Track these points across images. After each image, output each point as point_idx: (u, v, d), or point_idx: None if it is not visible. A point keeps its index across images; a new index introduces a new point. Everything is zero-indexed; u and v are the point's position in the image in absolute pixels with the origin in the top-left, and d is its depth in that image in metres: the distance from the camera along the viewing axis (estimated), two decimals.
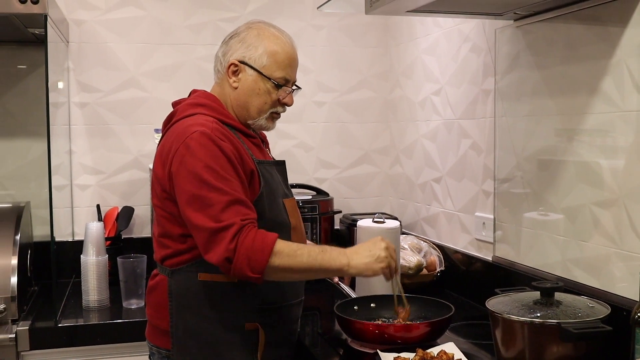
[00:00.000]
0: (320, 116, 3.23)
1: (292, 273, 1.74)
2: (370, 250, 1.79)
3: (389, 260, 1.79)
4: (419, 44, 2.93)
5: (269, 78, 1.86)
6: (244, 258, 1.65)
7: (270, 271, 1.68)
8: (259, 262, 1.66)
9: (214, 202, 1.68)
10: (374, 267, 1.78)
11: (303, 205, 2.86)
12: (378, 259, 1.78)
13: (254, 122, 1.90)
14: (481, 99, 2.44)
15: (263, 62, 1.86)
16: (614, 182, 1.80)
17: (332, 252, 1.77)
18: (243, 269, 1.65)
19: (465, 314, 2.26)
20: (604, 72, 1.82)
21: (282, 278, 1.78)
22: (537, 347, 1.61)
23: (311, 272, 1.77)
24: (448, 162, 2.70)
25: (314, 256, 1.73)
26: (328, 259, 1.75)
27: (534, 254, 2.14)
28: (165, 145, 1.81)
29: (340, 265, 1.76)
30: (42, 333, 2.28)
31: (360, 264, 1.77)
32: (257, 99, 1.88)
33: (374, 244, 1.80)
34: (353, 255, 1.77)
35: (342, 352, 1.98)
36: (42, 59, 2.29)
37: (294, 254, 1.70)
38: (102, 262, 2.51)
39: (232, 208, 1.68)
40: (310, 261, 1.72)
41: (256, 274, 1.66)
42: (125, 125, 3.00)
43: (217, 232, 1.66)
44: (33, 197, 2.85)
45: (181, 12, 3.03)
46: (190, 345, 1.81)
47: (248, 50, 1.87)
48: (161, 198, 1.82)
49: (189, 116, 1.82)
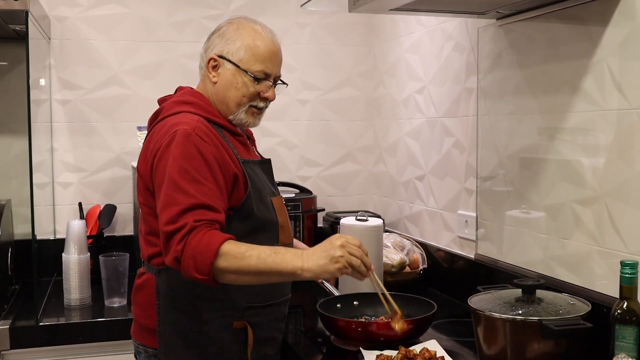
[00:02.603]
0: (304, 114, 3.23)
1: (242, 275, 1.63)
2: (325, 251, 1.63)
3: (348, 259, 1.62)
4: (403, 42, 2.94)
5: (245, 71, 1.85)
6: (190, 259, 1.60)
7: (219, 273, 1.61)
8: (204, 263, 1.59)
9: (176, 203, 1.65)
10: (329, 269, 1.62)
11: (286, 203, 2.82)
12: (332, 260, 1.61)
13: (234, 116, 1.89)
14: (464, 98, 2.45)
15: (240, 55, 1.85)
16: (595, 180, 1.81)
17: (287, 254, 1.64)
18: (190, 270, 1.61)
19: (447, 312, 2.27)
20: (585, 71, 1.83)
21: (235, 281, 1.66)
22: (518, 344, 1.62)
23: (262, 275, 1.63)
24: (431, 160, 2.71)
25: (263, 258, 1.61)
26: (279, 261, 1.62)
27: (515, 251, 2.15)
28: (150, 143, 1.80)
29: (293, 269, 1.62)
30: (23, 332, 2.27)
31: (314, 266, 1.62)
32: (235, 92, 1.86)
33: (330, 243, 1.64)
34: (307, 258, 1.62)
35: (325, 350, 1.98)
36: (23, 56, 2.27)
37: (241, 256, 1.60)
38: (84, 261, 2.50)
39: (192, 212, 1.64)
40: (259, 264, 1.61)
41: (203, 275, 1.60)
42: (108, 122, 2.99)
43: (171, 234, 1.63)
44: (14, 195, 2.82)
45: (164, 10, 3.02)
46: (178, 344, 1.81)
47: (227, 45, 1.86)
48: (145, 195, 1.82)
49: (175, 114, 1.81)
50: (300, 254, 1.64)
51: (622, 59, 1.72)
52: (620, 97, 1.72)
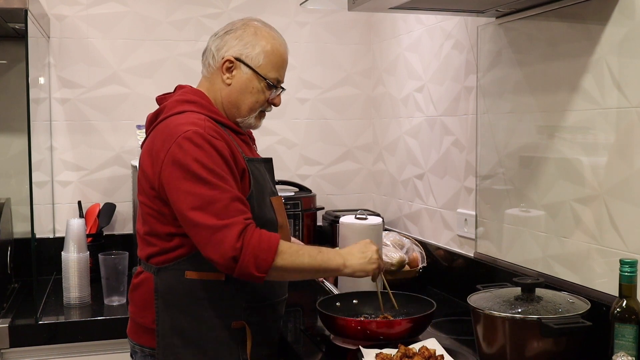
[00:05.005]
0: (303, 113, 3.23)
1: (293, 273, 1.78)
2: (363, 252, 1.86)
3: (380, 262, 1.87)
4: (402, 41, 2.94)
5: (264, 78, 1.86)
6: (251, 257, 1.65)
7: (273, 271, 1.70)
8: (266, 261, 1.67)
9: (214, 200, 1.67)
10: (367, 268, 1.84)
11: (286, 202, 2.85)
12: (370, 260, 1.85)
13: (243, 120, 1.89)
14: (463, 96, 2.45)
15: (259, 61, 1.85)
16: (595, 179, 1.81)
17: (329, 252, 1.83)
18: (249, 268, 1.66)
19: (447, 310, 2.27)
20: (584, 69, 1.83)
21: (282, 277, 1.82)
22: (518, 342, 1.62)
23: (311, 272, 1.83)
24: (430, 159, 2.71)
25: (314, 256, 1.78)
26: (326, 259, 1.80)
27: (515, 250, 2.15)
28: (155, 143, 1.77)
29: (337, 266, 1.81)
30: (22, 330, 2.27)
31: (355, 264, 1.83)
32: (250, 97, 1.87)
33: (366, 246, 1.87)
34: (347, 256, 1.83)
35: (325, 349, 1.98)
36: (22, 54, 2.26)
37: (296, 254, 1.74)
38: (84, 259, 2.50)
39: (232, 206, 1.68)
40: (311, 261, 1.77)
41: (261, 273, 1.68)
42: (107, 121, 2.98)
43: (219, 229, 1.65)
44: (13, 194, 2.82)
45: (164, 8, 3.02)
46: (176, 343, 1.80)
47: (245, 48, 1.85)
48: (149, 196, 1.79)
49: (178, 113, 1.79)
50: (339, 252, 1.85)
51: (621, 58, 1.72)
52: (620, 96, 1.72)
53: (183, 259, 1.78)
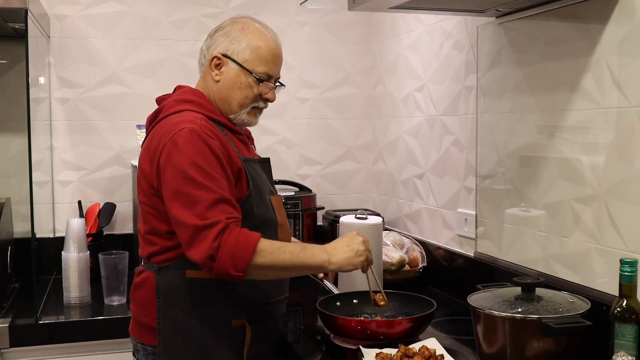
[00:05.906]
0: (303, 112, 3.23)
1: (274, 271, 1.74)
2: (348, 245, 1.82)
3: (367, 254, 1.83)
4: (402, 40, 2.94)
5: (250, 72, 1.86)
6: (228, 256, 1.64)
7: (253, 270, 1.67)
8: (243, 260, 1.65)
9: (200, 200, 1.67)
10: (354, 262, 1.81)
11: (286, 201, 2.86)
12: (357, 253, 1.81)
13: (236, 116, 1.90)
14: (463, 96, 2.45)
15: (245, 56, 1.85)
16: (595, 178, 1.81)
17: (313, 249, 1.79)
18: (226, 267, 1.65)
19: (447, 310, 2.27)
20: (584, 69, 1.83)
21: (263, 276, 1.78)
22: (518, 342, 1.62)
23: (293, 269, 1.79)
24: (430, 158, 2.71)
25: (296, 254, 1.74)
26: (309, 256, 1.76)
27: (515, 249, 2.15)
28: (153, 142, 1.79)
29: (322, 262, 1.78)
30: (22, 330, 2.27)
31: (341, 259, 1.79)
32: (239, 92, 1.87)
33: (352, 239, 1.83)
34: (333, 251, 1.79)
35: (325, 349, 1.98)
36: (22, 54, 2.26)
37: (276, 252, 1.71)
38: (84, 259, 2.50)
39: (218, 206, 1.67)
40: (293, 259, 1.73)
41: (239, 272, 1.65)
42: (107, 121, 2.98)
43: (201, 229, 1.65)
44: (13, 194, 2.82)
45: (163, 8, 3.02)
46: (177, 341, 1.81)
47: (231, 44, 1.86)
48: (148, 195, 1.81)
49: (176, 113, 1.81)
50: (324, 248, 1.80)
51: (621, 57, 1.72)
52: (620, 95, 1.72)
53: (183, 257, 1.78)
